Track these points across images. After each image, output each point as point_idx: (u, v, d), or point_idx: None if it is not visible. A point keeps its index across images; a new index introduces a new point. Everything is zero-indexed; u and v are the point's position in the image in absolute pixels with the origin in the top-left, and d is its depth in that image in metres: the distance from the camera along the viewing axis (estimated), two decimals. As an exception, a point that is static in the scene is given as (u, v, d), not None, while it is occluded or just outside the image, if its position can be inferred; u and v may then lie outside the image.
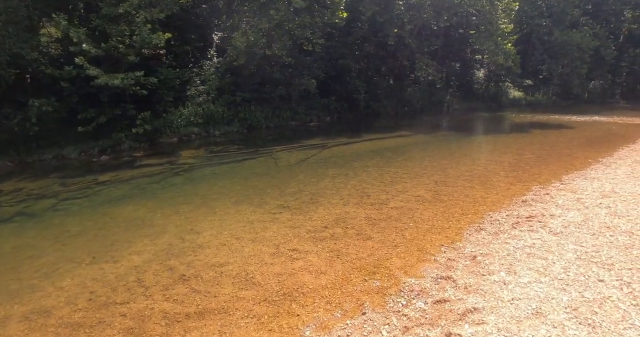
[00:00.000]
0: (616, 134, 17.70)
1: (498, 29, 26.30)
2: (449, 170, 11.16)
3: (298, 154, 15.26)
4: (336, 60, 24.74)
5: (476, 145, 15.24)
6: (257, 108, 23.16)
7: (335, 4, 21.37)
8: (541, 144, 14.93)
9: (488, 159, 12.43)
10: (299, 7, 20.82)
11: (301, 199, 8.90)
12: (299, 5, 20.70)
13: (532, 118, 24.37)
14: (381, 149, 15.26)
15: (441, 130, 19.75)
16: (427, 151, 14.28)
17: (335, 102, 25.25)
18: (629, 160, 11.79)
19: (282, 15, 21.34)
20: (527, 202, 7.90)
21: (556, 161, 11.91)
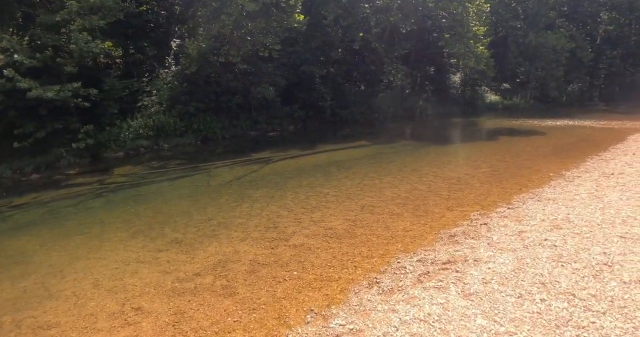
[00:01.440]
0: (588, 140, 16.02)
1: (469, 32, 24.72)
2: (386, 191, 9.39)
3: (239, 170, 13.66)
4: (299, 67, 22.98)
5: (432, 157, 13.49)
6: (212, 118, 21.39)
7: (291, 7, 19.64)
8: (503, 154, 13.21)
9: (437, 175, 10.68)
10: (251, 11, 19.09)
11: (203, 230, 7.46)
12: (250, 9, 18.99)
13: (505, 123, 22.70)
14: (329, 163, 13.56)
15: (404, 138, 18.01)
16: (375, 165, 12.55)
17: (300, 110, 23.51)
18: (596, 174, 10.06)
19: (234, 20, 19.60)
20: (455, 238, 6.11)
21: (512, 176, 10.17)
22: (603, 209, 7.08)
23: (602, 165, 11.11)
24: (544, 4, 30.67)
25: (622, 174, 9.93)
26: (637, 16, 34.90)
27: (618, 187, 8.66)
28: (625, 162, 11.36)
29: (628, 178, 9.38)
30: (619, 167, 10.81)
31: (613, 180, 9.34)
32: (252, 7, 19.09)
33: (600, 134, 17.55)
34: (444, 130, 21.09)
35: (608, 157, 12.42)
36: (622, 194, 7.98)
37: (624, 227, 6.02)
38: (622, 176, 9.66)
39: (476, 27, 25.46)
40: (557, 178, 9.86)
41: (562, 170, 10.71)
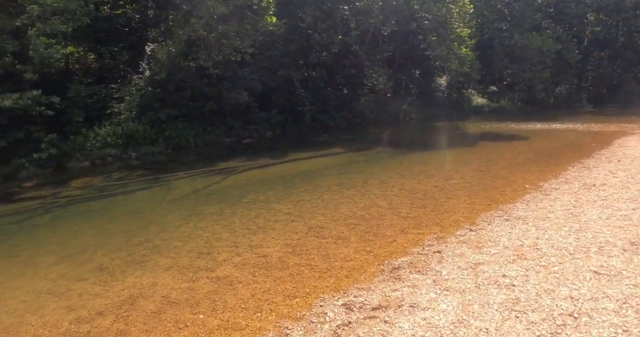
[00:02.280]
0: (572, 145, 15.01)
1: (452, 33, 23.74)
2: (343, 207, 8.35)
3: (200, 181, 12.67)
4: (277, 71, 21.94)
5: (404, 166, 12.46)
6: (185, 125, 20.30)
7: (264, 9, 18.62)
8: (480, 163, 12.17)
9: (403, 188, 9.64)
10: (221, 14, 18.06)
11: (133, 255, 6.64)
12: (220, 12, 17.98)
13: (489, 127, 21.69)
14: (295, 173, 12.56)
15: (381, 145, 16.96)
16: (342, 176, 11.54)
17: (278, 115, 22.46)
18: (576, 185, 9.02)
19: (205, 23, 18.56)
20: (399, 272, 5.06)
21: (484, 189, 9.12)
22: (579, 231, 6.02)
23: (584, 175, 10.07)
24: (530, 5, 29.79)
25: (604, 185, 8.89)
26: (624, 17, 34.06)
27: (599, 201, 7.62)
28: (609, 171, 10.34)
29: (610, 190, 8.34)
30: (602, 176, 9.78)
31: (594, 193, 8.30)
32: (222, 9, 18.10)
33: (585, 138, 16.56)
34: (424, 135, 20.06)
35: (591, 164, 11.39)
36: (602, 212, 6.93)
37: (600, 258, 4.97)
38: (604, 188, 8.62)
39: (460, 29, 24.49)
40: (532, 191, 8.81)
41: (540, 181, 9.67)
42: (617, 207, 7.15)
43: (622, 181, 9.14)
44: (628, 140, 15.76)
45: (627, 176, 9.67)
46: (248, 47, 19.32)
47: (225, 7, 18.05)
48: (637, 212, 6.80)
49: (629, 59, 35.52)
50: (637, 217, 6.50)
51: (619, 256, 5.05)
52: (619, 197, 7.85)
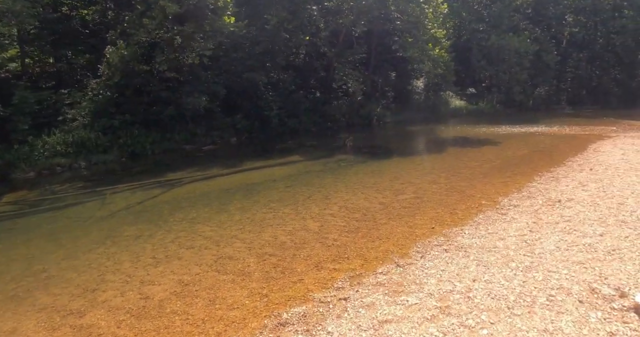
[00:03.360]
0: (544, 150, 13.78)
1: (426, 34, 22.47)
2: (268, 231, 7.12)
3: (139, 195, 11.21)
4: (242, 74, 20.52)
5: (359, 177, 11.17)
6: (142, 132, 18.73)
7: (221, 9, 17.21)
8: (440, 173, 10.86)
9: (345, 205, 8.34)
10: (174, 14, 16.64)
11: (17, 290, 5.55)
12: (173, 12, 16.56)
13: (462, 131, 20.46)
14: (240, 186, 11.31)
15: (344, 152, 15.60)
16: (288, 190, 10.29)
17: (244, 120, 21.02)
18: (539, 200, 7.71)
19: (158, 24, 17.10)
20: (280, 331, 3.65)
21: (434, 206, 7.81)
22: (528, 270, 4.70)
23: (551, 187, 8.78)
24: (507, 6, 28.68)
25: (571, 200, 7.60)
26: (602, 18, 33.15)
27: (561, 224, 6.31)
28: (578, 182, 9.06)
29: (577, 208, 7.04)
30: (570, 189, 8.49)
31: (557, 211, 6.99)
32: (175, 9, 16.68)
33: (559, 143, 15.37)
34: (393, 141, 18.74)
35: (561, 174, 10.13)
36: (562, 239, 5.62)
37: (546, 316, 3.65)
38: (570, 205, 7.32)
39: (434, 30, 23.25)
40: (488, 208, 7.49)
41: (500, 195, 8.36)
42: (581, 233, 5.85)
43: (592, 195, 7.86)
44: (603, 145, 14.58)
45: (598, 188, 8.40)
46: (206, 50, 17.87)
47: (179, 6, 16.61)
48: (604, 240, 5.49)
49: (608, 60, 34.63)
50: (604, 248, 5.19)
51: (572, 313, 3.72)
52: (586, 217, 6.55)
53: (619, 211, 6.81)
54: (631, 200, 7.41)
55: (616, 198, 7.61)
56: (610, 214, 6.68)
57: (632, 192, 7.96)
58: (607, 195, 7.86)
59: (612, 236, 5.68)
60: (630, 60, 33.80)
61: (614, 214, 6.67)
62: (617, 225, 6.14)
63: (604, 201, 7.50)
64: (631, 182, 8.73)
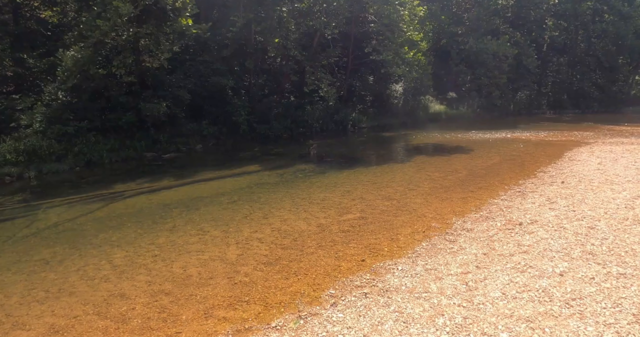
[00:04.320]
0: (516, 159, 12.63)
1: (400, 37, 21.33)
2: (181, 260, 6.02)
3: (76, 209, 9.92)
4: (208, 78, 19.23)
5: (309, 192, 10.04)
6: (99, 139, 17.31)
7: (179, 10, 15.91)
8: (397, 187, 9.65)
9: (278, 227, 7.26)
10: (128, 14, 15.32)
11: None
12: (126, 12, 15.24)
13: (436, 137, 19.30)
14: (183, 200, 10.20)
15: (306, 161, 14.34)
16: (229, 206, 9.22)
17: (211, 126, 19.68)
18: (499, 223, 6.50)
19: (112, 26, 15.76)
20: None
21: (374, 231, 6.65)
22: (457, 331, 3.44)
23: (515, 205, 7.57)
24: (486, 9, 27.68)
25: (534, 223, 6.38)
26: (582, 23, 32.31)
27: (516, 257, 5.10)
28: (547, 198, 7.86)
29: (539, 234, 5.83)
30: (536, 208, 7.29)
31: (515, 238, 5.77)
32: (128, 10, 15.36)
33: (534, 150, 14.24)
34: (361, 148, 17.50)
35: (529, 187, 8.93)
36: (513, 280, 4.41)
37: None
38: (532, 229, 6.10)
39: (409, 33, 22.13)
40: (436, 234, 6.25)
41: (455, 215, 7.15)
42: (537, 270, 4.63)
43: (559, 216, 6.65)
44: (580, 152, 13.47)
45: (568, 206, 7.20)
46: (166, 53, 16.56)
47: (132, 7, 15.30)
48: (564, 282, 4.29)
49: (588, 65, 33.80)
50: (562, 296, 3.99)
51: None
52: (547, 247, 5.34)
53: (587, 238, 5.61)
54: (603, 223, 6.21)
55: (586, 220, 6.42)
56: (576, 243, 5.48)
57: (605, 212, 6.78)
58: (577, 215, 6.66)
59: (575, 277, 4.47)
60: (611, 65, 33.01)
61: (581, 243, 5.46)
62: (583, 259, 4.93)
63: (572, 223, 6.30)
64: (605, 199, 7.56)
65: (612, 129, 20.73)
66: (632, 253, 5.07)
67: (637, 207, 6.96)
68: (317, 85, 20.72)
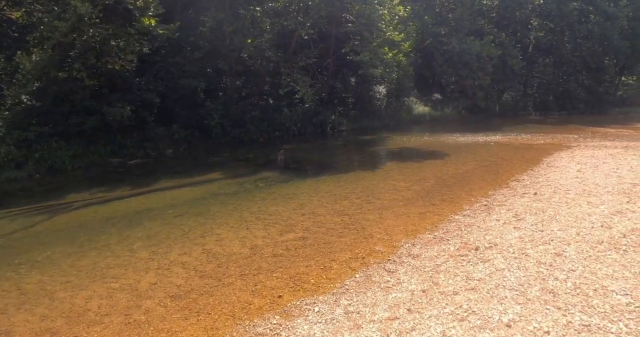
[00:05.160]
0: (491, 165, 11.63)
1: (379, 37, 20.31)
2: (81, 293, 4.97)
3: (17, 223, 9.02)
4: (179, 80, 18.13)
5: (262, 204, 9.07)
6: (62, 145, 16.20)
7: (141, 10, 14.84)
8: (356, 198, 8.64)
9: (209, 249, 6.43)
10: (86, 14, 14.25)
11: None
12: (84, 12, 14.18)
13: (414, 141, 18.29)
14: (129, 213, 9.34)
15: (272, 168, 13.28)
16: (173, 221, 8.26)
17: (183, 130, 18.59)
18: (451, 247, 5.52)
19: (71, 26, 14.68)
20: None
21: (311, 256, 5.76)
22: None
23: (477, 222, 6.53)
24: (468, 8, 26.67)
25: (492, 248, 5.35)
26: (568, 23, 31.38)
27: (459, 296, 4.06)
28: (514, 214, 6.83)
29: (495, 264, 4.83)
30: (499, 226, 6.25)
31: (466, 269, 4.74)
32: (87, 10, 14.27)
33: (513, 155, 13.23)
34: (333, 153, 16.42)
35: (498, 200, 7.90)
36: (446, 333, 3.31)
37: None
38: (488, 256, 5.07)
39: (389, 33, 21.10)
40: (377, 261, 5.24)
41: (406, 236, 6.12)
42: (481, 318, 3.58)
43: (523, 238, 5.61)
44: (560, 157, 12.48)
45: (536, 225, 6.17)
46: (128, 54, 15.47)
47: (91, 7, 14.23)
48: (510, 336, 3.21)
49: (574, 66, 32.87)
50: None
51: None
52: (501, 282, 4.30)
53: (551, 270, 4.57)
54: (573, 248, 5.18)
55: (554, 243, 5.39)
56: (537, 276, 4.44)
57: (577, 232, 5.75)
58: (544, 237, 5.63)
59: (525, 330, 3.43)
60: (597, 66, 32.09)
61: (543, 277, 4.43)
62: (541, 301, 3.89)
63: (536, 248, 5.27)
64: (579, 215, 6.54)
65: (597, 131, 19.79)
66: (602, 293, 4.03)
67: (615, 226, 5.94)
68: (293, 87, 19.61)
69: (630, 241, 5.36)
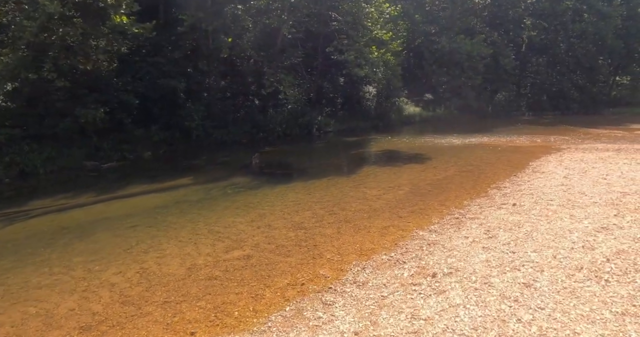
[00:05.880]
0: (473, 171, 10.77)
1: (365, 36, 19.41)
2: (6, 314, 3.82)
3: None
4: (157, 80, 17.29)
5: (221, 214, 8.33)
6: (34, 148, 15.38)
7: (113, 7, 13.99)
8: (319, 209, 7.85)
9: (146, 268, 5.72)
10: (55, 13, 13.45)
11: None
12: (53, 11, 13.37)
13: (398, 143, 17.45)
14: (83, 223, 8.64)
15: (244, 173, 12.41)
16: (123, 234, 7.52)
17: (162, 132, 17.74)
18: (405, 273, 4.70)
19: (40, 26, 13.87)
20: None
21: (246, 282, 5.00)
22: None
23: (442, 240, 5.69)
24: (459, 6, 25.71)
25: (452, 274, 4.51)
26: (561, 22, 30.41)
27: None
28: (486, 230, 5.96)
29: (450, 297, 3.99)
30: (467, 246, 5.39)
31: (414, 304, 3.90)
32: (55, 8, 13.45)
33: (498, 158, 12.35)
34: (312, 156, 15.51)
35: (472, 212, 7.05)
36: None
37: None
38: (445, 285, 4.23)
39: (377, 31, 20.20)
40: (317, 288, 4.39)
41: (358, 256, 5.32)
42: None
43: (490, 262, 4.74)
44: (547, 161, 11.60)
45: (508, 244, 5.32)
46: (100, 54, 14.64)
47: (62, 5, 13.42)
48: None
49: (568, 65, 31.89)
50: None
51: None
52: (450, 325, 3.47)
53: (515, 308, 3.70)
54: (547, 276, 4.32)
55: (525, 270, 4.53)
56: (497, 317, 3.57)
57: (554, 255, 4.89)
58: (514, 261, 4.76)
59: None
60: (591, 66, 31.11)
61: (504, 317, 3.56)
62: (496, 356, 3.00)
63: (503, 276, 4.40)
64: (559, 231, 5.67)
65: (589, 132, 18.88)
66: (573, 343, 3.16)
67: (598, 247, 5.07)
68: (276, 87, 18.74)
69: (614, 267, 4.49)
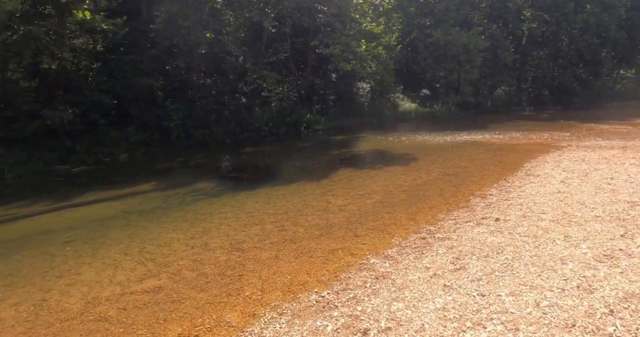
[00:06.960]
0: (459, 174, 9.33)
1: (352, 29, 17.94)
2: None
3: None
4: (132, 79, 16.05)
5: (165, 227, 7.16)
6: (3, 151, 14.35)
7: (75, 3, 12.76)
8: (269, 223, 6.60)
9: (47, 299, 4.56)
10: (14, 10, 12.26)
11: None
12: (12, 8, 12.16)
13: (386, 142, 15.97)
14: (24, 236, 7.58)
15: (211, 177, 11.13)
16: (54, 252, 6.36)
17: (139, 133, 16.54)
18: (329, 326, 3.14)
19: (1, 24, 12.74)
20: None
21: (138, 324, 3.35)
22: None
23: (396, 271, 4.34)
24: (455, -2, 24.00)
25: (386, 332, 3.11)
26: (563, 13, 28.48)
27: None
28: (455, 257, 4.58)
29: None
30: (425, 282, 4.05)
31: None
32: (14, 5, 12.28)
33: (490, 159, 10.88)
34: (288, 158, 14.07)
35: (444, 229, 5.64)
36: None
37: None
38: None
39: (366, 24, 18.70)
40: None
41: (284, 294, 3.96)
42: None
43: (445, 313, 3.35)
44: (544, 161, 10.10)
45: (477, 280, 3.95)
46: (65, 52, 13.44)
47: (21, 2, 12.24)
48: None
49: (570, 58, 29.94)
50: None
51: None
52: None
53: None
54: (521, 340, 2.90)
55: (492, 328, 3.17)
56: None
57: (536, 301, 3.49)
58: (480, 312, 3.39)
59: None
60: (594, 58, 29.15)
61: None
62: None
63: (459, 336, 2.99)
64: (549, 261, 4.26)
65: (592, 128, 17.22)
66: None
67: (599, 288, 3.66)
68: (259, 84, 17.39)
69: (619, 326, 3.07)
